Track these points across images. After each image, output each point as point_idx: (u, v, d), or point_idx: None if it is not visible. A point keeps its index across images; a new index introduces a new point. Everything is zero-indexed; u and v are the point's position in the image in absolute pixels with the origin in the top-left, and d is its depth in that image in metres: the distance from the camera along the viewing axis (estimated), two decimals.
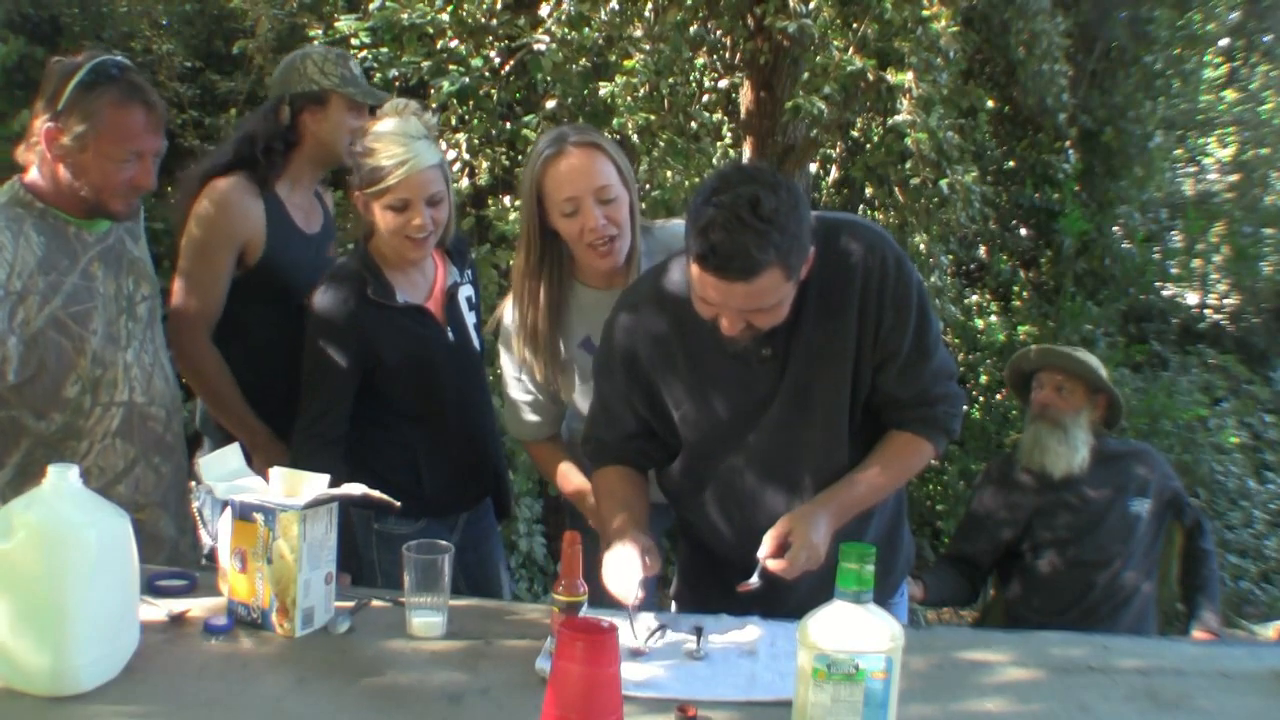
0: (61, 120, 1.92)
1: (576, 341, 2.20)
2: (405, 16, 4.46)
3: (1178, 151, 8.60)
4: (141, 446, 2.09)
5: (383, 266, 2.20)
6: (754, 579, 1.74)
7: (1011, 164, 6.79)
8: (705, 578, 2.00)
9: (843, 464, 1.87)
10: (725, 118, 5.66)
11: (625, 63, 4.61)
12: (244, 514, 1.72)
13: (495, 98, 4.68)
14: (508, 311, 2.26)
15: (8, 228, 1.92)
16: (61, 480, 1.50)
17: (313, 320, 2.16)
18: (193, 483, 2.40)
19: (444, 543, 1.78)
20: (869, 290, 1.78)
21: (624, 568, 1.74)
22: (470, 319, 2.36)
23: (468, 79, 4.45)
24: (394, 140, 2.10)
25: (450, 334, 2.29)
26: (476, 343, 2.38)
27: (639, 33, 4.70)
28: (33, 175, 1.99)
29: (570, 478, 2.28)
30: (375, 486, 1.84)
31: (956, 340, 5.94)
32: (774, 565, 1.74)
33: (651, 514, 1.95)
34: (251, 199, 2.43)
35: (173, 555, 2.14)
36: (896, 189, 5.08)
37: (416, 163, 2.10)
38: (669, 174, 4.49)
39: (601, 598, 1.76)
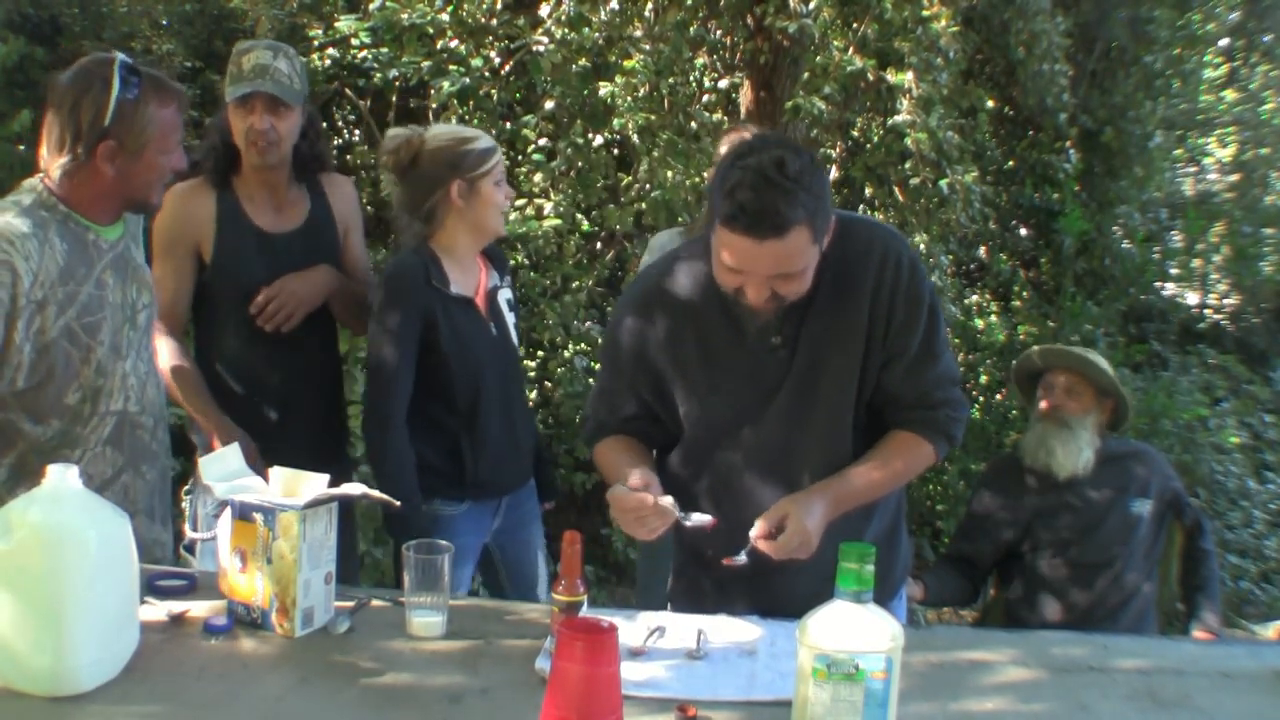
0: (114, 136, 1.93)
1: None
2: (405, 16, 4.46)
3: (1178, 151, 8.61)
4: (129, 455, 2.08)
5: (442, 260, 2.35)
6: (741, 557, 1.76)
7: (1011, 164, 6.79)
8: (701, 577, 2.00)
9: (844, 463, 1.87)
10: (725, 118, 5.66)
11: (625, 63, 4.62)
12: (244, 514, 1.72)
13: (495, 98, 4.69)
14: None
15: (34, 234, 1.91)
16: (61, 480, 1.50)
17: (381, 302, 2.30)
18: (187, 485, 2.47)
19: (444, 543, 1.78)
20: (882, 285, 1.79)
21: (629, 505, 1.76)
22: (510, 319, 2.50)
23: (468, 79, 4.46)
24: (471, 130, 2.43)
25: (493, 329, 2.43)
26: (515, 340, 2.53)
27: (639, 33, 4.71)
28: (56, 180, 1.97)
29: None
30: (420, 470, 2.24)
31: (956, 340, 5.92)
32: (764, 545, 1.74)
33: None
34: (200, 199, 2.46)
35: (157, 561, 2.13)
36: (896, 189, 5.09)
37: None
38: (669, 174, 4.49)
39: (603, 599, 1.76)
